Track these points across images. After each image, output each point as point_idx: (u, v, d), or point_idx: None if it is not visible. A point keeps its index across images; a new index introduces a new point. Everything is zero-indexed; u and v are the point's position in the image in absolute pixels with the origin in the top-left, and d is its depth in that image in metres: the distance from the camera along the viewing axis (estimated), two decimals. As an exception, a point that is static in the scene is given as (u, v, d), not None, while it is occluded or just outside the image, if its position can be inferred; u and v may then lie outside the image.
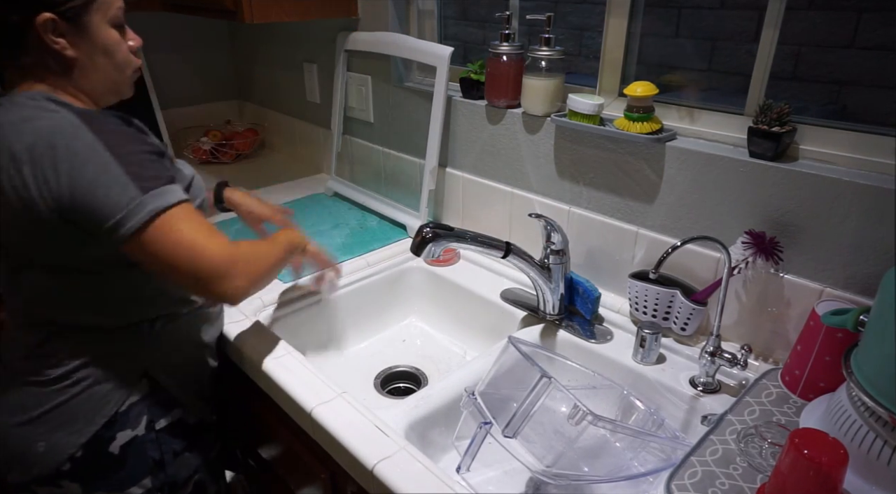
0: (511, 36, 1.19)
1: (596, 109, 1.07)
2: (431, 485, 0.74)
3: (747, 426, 0.81)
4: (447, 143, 1.40)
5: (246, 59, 2.10)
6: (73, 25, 0.82)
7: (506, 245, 1.03)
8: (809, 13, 0.99)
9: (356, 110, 1.63)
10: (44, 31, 0.79)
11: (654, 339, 0.98)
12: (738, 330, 1.00)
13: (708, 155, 0.97)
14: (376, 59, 1.50)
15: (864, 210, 0.84)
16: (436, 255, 1.00)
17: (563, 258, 1.09)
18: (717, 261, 1.00)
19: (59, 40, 0.81)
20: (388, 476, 0.76)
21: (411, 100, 1.45)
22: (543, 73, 1.15)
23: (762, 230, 0.93)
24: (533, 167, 1.24)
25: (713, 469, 0.74)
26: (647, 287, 1.04)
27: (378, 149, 1.60)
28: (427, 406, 0.92)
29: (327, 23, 1.60)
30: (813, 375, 0.85)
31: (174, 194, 0.80)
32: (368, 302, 1.30)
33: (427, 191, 1.40)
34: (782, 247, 0.92)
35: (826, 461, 0.61)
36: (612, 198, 1.13)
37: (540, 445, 0.94)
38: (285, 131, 2.02)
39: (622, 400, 0.99)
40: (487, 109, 1.28)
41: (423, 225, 1.00)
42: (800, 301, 0.92)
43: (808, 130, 0.93)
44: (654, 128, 1.03)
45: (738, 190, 0.95)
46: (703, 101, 1.07)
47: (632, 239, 1.11)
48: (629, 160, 1.07)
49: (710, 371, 0.93)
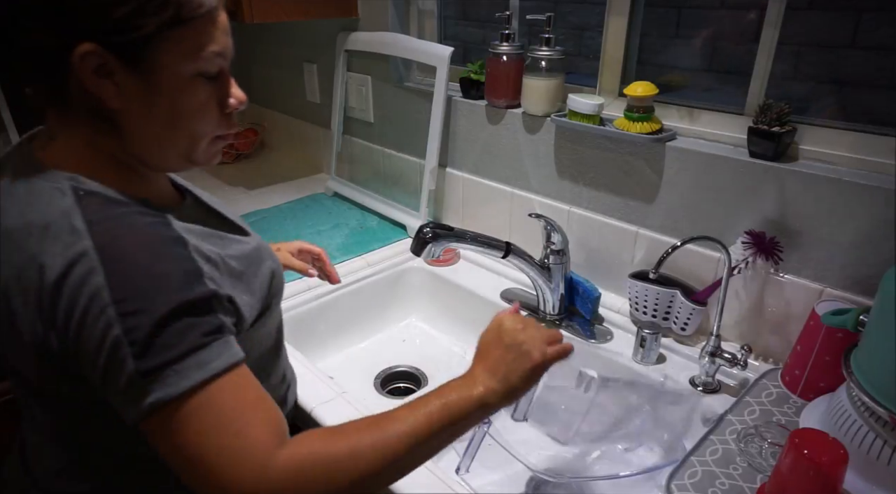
0: (511, 36, 1.19)
1: (596, 109, 1.07)
2: (431, 485, 0.74)
3: (747, 426, 0.81)
4: (447, 143, 1.39)
5: (246, 58, 2.10)
6: (129, 65, 0.55)
7: (506, 245, 1.03)
8: (809, 13, 0.99)
9: (356, 110, 1.63)
10: (82, 69, 0.54)
11: (654, 339, 0.98)
12: (738, 330, 1.00)
13: (708, 155, 0.97)
14: (376, 59, 1.50)
15: (864, 210, 0.84)
16: (436, 255, 1.00)
17: (563, 258, 1.09)
18: (717, 261, 0.99)
19: (104, 83, 0.55)
20: (388, 476, 0.76)
21: (411, 100, 1.45)
22: (543, 73, 1.15)
23: (762, 230, 0.93)
24: (533, 167, 1.24)
25: (713, 469, 0.74)
26: (647, 287, 1.04)
27: (378, 149, 1.60)
28: (427, 406, 0.92)
29: (327, 23, 1.60)
30: (813, 375, 0.84)
31: (191, 373, 0.53)
32: (368, 302, 1.30)
33: (427, 191, 1.40)
34: (782, 247, 0.92)
35: (826, 461, 0.61)
36: (612, 198, 1.13)
37: (555, 426, 0.94)
38: (285, 131, 2.02)
39: (621, 400, 0.99)
40: (487, 109, 1.28)
41: (423, 225, 1.00)
42: (800, 301, 0.92)
43: (808, 130, 0.93)
44: (654, 128, 1.03)
45: (738, 190, 0.95)
46: (703, 101, 1.07)
47: (632, 239, 1.11)
48: (629, 160, 1.07)
49: (710, 371, 0.93)
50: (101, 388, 0.54)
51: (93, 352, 0.53)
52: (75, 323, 0.53)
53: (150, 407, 0.52)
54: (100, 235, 0.54)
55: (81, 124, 0.58)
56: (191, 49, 0.57)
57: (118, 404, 0.55)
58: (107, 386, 0.54)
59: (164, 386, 0.52)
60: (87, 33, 0.53)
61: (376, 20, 1.48)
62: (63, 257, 0.53)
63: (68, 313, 0.53)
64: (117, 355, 0.52)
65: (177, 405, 0.52)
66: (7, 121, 1.31)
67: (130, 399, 0.52)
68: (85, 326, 0.52)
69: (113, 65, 0.54)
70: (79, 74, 0.54)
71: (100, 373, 0.53)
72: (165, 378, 0.52)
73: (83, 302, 0.52)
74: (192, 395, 0.52)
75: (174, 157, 0.63)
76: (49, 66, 0.55)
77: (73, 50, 0.53)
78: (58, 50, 0.53)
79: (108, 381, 0.53)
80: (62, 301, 0.53)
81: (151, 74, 0.56)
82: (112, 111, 0.57)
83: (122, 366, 0.52)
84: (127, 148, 0.60)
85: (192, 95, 0.59)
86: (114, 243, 0.54)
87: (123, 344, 0.51)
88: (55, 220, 0.55)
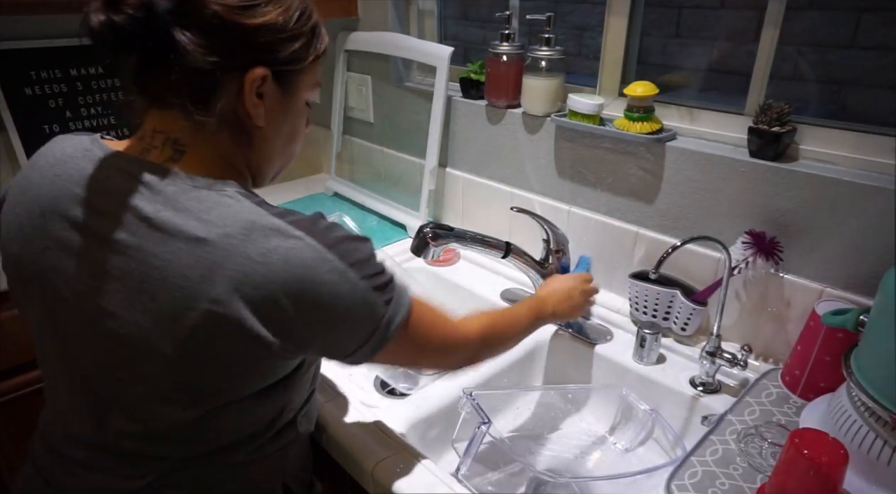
0: (511, 36, 1.19)
1: (596, 109, 1.07)
2: (431, 485, 0.74)
3: (747, 426, 0.81)
4: (447, 143, 1.39)
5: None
6: (282, 89, 0.63)
7: (506, 245, 1.03)
8: (809, 13, 0.99)
9: (356, 110, 1.63)
10: (250, 90, 0.60)
11: (654, 339, 0.98)
12: (738, 330, 1.00)
13: (708, 155, 0.97)
14: (376, 58, 1.50)
15: (864, 210, 0.84)
16: (436, 255, 1.00)
17: (563, 258, 1.09)
18: (717, 261, 0.99)
19: (259, 103, 0.61)
20: (388, 476, 0.76)
21: (411, 100, 1.45)
22: (543, 73, 1.15)
23: (762, 230, 0.93)
24: (533, 167, 1.24)
25: (713, 469, 0.74)
26: (647, 287, 1.04)
27: (378, 149, 1.60)
28: (427, 406, 0.92)
29: (327, 23, 1.58)
30: (813, 375, 0.84)
31: (405, 292, 0.66)
32: (368, 302, 1.30)
33: (427, 191, 1.40)
34: (782, 247, 0.92)
35: (826, 461, 0.61)
36: (611, 197, 1.13)
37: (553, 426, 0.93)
38: (285, 131, 2.02)
39: (621, 400, 1.00)
40: (487, 109, 1.28)
41: (423, 225, 1.00)
42: (800, 301, 0.92)
43: (808, 130, 0.93)
44: (654, 128, 1.03)
45: (738, 190, 0.95)
46: (703, 101, 1.07)
47: (632, 239, 1.11)
48: (629, 160, 1.07)
49: (710, 371, 0.93)
50: (336, 355, 0.64)
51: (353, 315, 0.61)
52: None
53: (397, 327, 0.64)
54: (316, 235, 0.59)
55: (220, 137, 0.62)
56: (314, 81, 0.68)
57: (354, 357, 0.64)
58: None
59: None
60: (263, 61, 0.60)
61: (376, 20, 1.48)
62: (286, 248, 0.57)
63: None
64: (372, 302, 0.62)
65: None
66: (7, 120, 1.31)
67: (377, 336, 0.63)
68: (337, 307, 0.59)
69: (270, 88, 0.62)
70: (245, 94, 0.60)
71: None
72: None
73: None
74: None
75: (271, 174, 0.72)
76: (212, 83, 0.59)
77: (247, 72, 0.59)
78: (233, 71, 0.59)
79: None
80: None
81: (291, 99, 0.65)
82: (252, 128, 0.63)
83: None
84: (252, 161, 0.67)
85: (302, 118, 0.70)
86: (323, 234, 0.59)
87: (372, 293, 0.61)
88: (253, 220, 0.57)
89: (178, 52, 0.56)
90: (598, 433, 1.01)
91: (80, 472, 0.68)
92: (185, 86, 0.58)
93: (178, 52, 0.56)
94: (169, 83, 0.58)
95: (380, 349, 0.64)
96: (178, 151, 0.61)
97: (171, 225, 0.56)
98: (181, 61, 0.56)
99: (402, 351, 0.67)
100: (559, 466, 0.95)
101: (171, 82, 0.58)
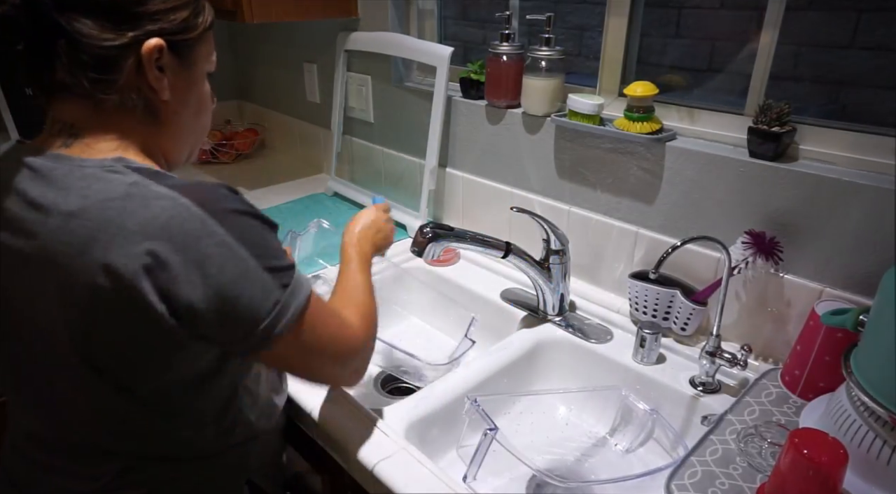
0: (511, 36, 1.19)
1: (596, 109, 1.07)
2: (431, 485, 0.74)
3: (747, 426, 0.81)
4: (447, 143, 1.39)
5: (246, 58, 2.10)
6: (180, 60, 0.64)
7: (506, 245, 1.03)
8: (809, 13, 0.99)
9: (356, 110, 1.63)
10: (149, 63, 0.61)
11: (654, 339, 0.98)
12: (738, 330, 1.00)
13: (708, 155, 0.97)
14: (376, 59, 1.50)
15: (864, 210, 0.84)
16: (436, 255, 1.00)
17: (563, 258, 1.09)
18: (717, 261, 1.00)
19: (161, 77, 0.63)
20: (388, 476, 0.76)
21: (411, 100, 1.45)
22: (543, 73, 1.15)
23: (762, 230, 0.93)
24: (533, 167, 1.24)
25: (713, 469, 0.74)
26: (647, 287, 1.04)
27: (378, 149, 1.60)
28: (427, 406, 0.92)
29: (327, 23, 1.60)
30: (813, 375, 0.85)
31: (305, 281, 0.66)
32: (368, 302, 1.30)
33: (427, 191, 1.40)
34: (782, 247, 0.92)
35: (826, 461, 0.61)
36: (612, 197, 1.13)
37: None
38: (285, 131, 2.02)
39: (621, 401, 1.00)
40: (487, 109, 1.28)
41: (423, 225, 1.00)
42: (800, 301, 0.92)
43: (808, 130, 0.93)
44: (654, 128, 1.03)
45: (738, 190, 0.95)
46: (703, 101, 1.07)
47: (632, 239, 1.11)
48: (629, 160, 1.07)
49: (710, 371, 0.93)
50: (232, 337, 0.61)
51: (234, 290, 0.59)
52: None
53: (294, 314, 0.63)
54: (198, 199, 0.58)
55: (123, 117, 0.63)
56: (209, 51, 0.69)
57: (252, 342, 0.62)
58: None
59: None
60: (154, 32, 0.61)
61: (376, 20, 1.48)
62: (166, 216, 0.56)
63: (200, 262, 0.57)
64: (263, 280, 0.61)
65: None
66: (7, 120, 1.31)
67: (276, 321, 0.62)
68: (224, 273, 0.58)
69: (168, 60, 0.63)
70: (145, 68, 0.61)
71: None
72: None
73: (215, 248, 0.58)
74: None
75: (186, 151, 0.73)
76: (110, 62, 0.59)
77: (142, 46, 0.60)
78: (127, 46, 0.59)
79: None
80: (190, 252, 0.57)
81: (191, 70, 0.67)
82: (158, 103, 0.64)
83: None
84: (164, 140, 0.68)
85: (203, 88, 0.71)
86: (211, 202, 0.58)
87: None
88: (130, 192, 0.57)
89: (68, 37, 0.57)
90: (599, 434, 1.01)
91: (40, 475, 0.69)
92: (80, 71, 0.59)
93: (68, 38, 0.57)
94: (64, 70, 0.59)
95: (272, 338, 0.61)
96: (73, 136, 0.62)
97: (52, 203, 0.57)
98: (74, 46, 0.57)
99: (297, 346, 0.65)
100: (561, 468, 0.95)
101: (67, 69, 0.58)
